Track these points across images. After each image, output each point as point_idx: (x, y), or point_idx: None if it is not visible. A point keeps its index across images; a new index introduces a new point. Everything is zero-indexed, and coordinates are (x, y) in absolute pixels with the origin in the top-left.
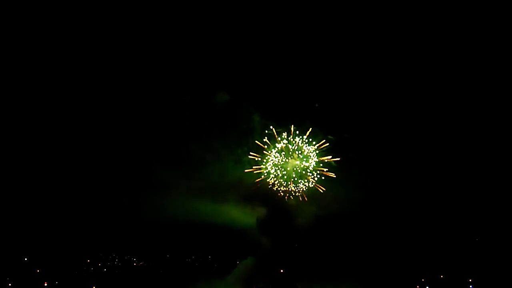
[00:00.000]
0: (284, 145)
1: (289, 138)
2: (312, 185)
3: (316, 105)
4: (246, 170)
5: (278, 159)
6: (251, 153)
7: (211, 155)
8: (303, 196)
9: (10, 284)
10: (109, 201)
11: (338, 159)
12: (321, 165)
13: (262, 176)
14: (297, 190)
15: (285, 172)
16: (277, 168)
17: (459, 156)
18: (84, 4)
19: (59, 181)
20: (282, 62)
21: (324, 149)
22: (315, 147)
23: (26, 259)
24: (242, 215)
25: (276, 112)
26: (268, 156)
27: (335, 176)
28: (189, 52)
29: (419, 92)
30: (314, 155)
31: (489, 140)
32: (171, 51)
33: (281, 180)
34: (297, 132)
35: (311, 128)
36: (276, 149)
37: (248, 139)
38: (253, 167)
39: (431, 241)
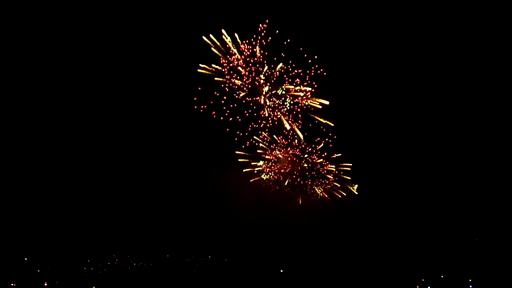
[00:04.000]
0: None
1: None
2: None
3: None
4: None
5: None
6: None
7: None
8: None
9: (12, 284)
10: (109, 201)
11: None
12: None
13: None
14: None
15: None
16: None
17: (459, 156)
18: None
19: (59, 181)
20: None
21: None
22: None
23: (26, 259)
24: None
25: None
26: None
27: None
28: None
29: (419, 91)
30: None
31: (489, 140)
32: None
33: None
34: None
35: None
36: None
37: None
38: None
39: (431, 241)
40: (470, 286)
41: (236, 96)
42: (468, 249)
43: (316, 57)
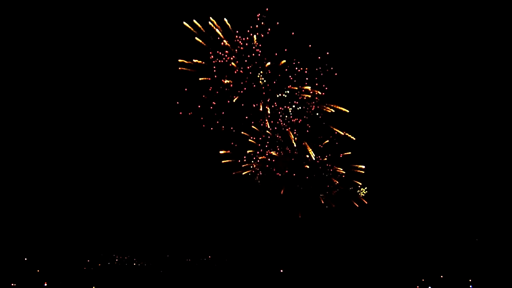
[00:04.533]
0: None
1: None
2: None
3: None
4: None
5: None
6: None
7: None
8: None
9: (12, 284)
10: (109, 201)
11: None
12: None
13: None
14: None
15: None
16: None
17: (459, 156)
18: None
19: (59, 181)
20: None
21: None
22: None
23: (26, 259)
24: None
25: None
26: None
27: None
28: None
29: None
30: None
31: (489, 140)
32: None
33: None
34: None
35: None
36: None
37: None
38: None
39: (431, 241)
40: (470, 286)
41: (228, 101)
42: (468, 249)
43: (328, 53)
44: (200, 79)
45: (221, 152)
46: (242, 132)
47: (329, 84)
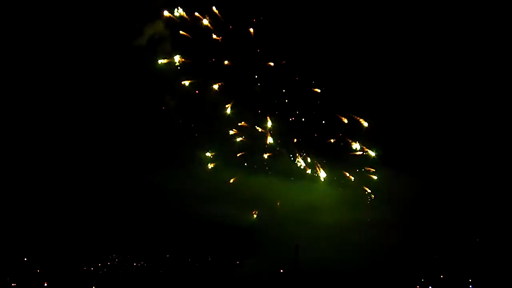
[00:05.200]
0: None
1: None
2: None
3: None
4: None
5: None
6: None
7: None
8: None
9: (12, 284)
10: (109, 201)
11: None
12: None
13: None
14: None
15: None
16: None
17: (459, 155)
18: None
19: (59, 181)
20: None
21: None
22: None
23: (26, 259)
24: (241, 214)
25: None
26: None
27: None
28: None
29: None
30: None
31: (489, 140)
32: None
33: None
34: None
35: None
36: None
37: None
38: None
39: (431, 241)
40: (470, 286)
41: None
42: (468, 249)
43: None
44: (183, 83)
45: (208, 154)
46: (232, 131)
47: (337, 88)
